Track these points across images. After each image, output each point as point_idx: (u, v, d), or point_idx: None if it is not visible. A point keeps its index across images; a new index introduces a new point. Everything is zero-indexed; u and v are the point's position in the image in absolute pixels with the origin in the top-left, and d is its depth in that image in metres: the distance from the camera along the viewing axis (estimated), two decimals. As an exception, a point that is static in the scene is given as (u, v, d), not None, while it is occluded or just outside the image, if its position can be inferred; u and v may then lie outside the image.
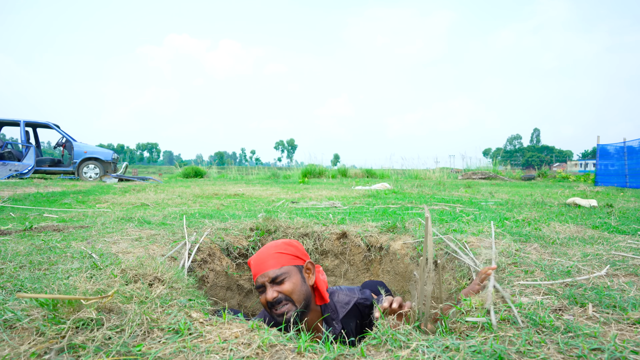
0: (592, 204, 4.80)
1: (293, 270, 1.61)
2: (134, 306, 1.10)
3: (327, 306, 1.74)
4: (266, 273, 1.58)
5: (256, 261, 1.63)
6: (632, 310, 1.12)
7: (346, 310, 1.72)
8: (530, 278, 1.54)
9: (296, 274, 1.62)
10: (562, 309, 1.19)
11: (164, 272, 1.44)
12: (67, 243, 2.15)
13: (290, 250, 1.66)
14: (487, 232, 2.58)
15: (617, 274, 1.52)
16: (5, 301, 1.21)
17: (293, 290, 1.56)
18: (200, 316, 1.15)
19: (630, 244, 2.17)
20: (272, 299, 1.53)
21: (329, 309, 1.73)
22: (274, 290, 1.55)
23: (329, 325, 1.69)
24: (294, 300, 1.56)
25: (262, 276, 1.58)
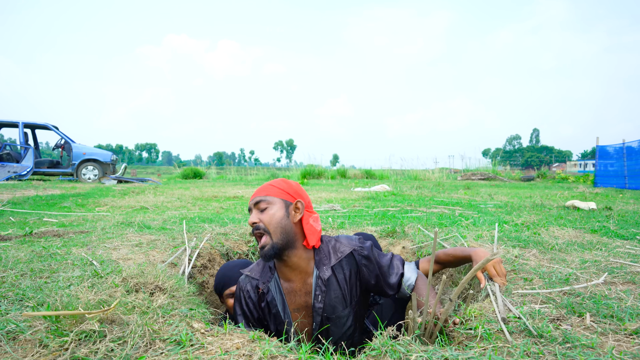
0: (591, 206, 4.81)
1: (278, 203, 1.59)
2: (135, 317, 1.11)
3: (320, 250, 1.69)
4: (254, 198, 1.60)
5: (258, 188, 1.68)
6: (629, 320, 1.13)
7: (339, 257, 1.66)
8: (529, 286, 1.55)
9: (281, 207, 1.59)
10: (560, 318, 1.20)
11: (164, 280, 1.45)
12: (68, 249, 2.15)
13: (283, 187, 1.65)
14: (487, 237, 2.59)
15: (615, 282, 1.53)
16: (8, 311, 1.22)
17: (270, 222, 1.54)
18: (201, 326, 1.16)
19: (628, 250, 2.18)
20: (252, 224, 1.55)
21: (321, 253, 1.68)
22: (255, 215, 1.56)
23: (319, 269, 1.63)
24: (271, 232, 1.54)
25: (250, 201, 1.61)
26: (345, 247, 1.69)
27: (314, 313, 1.63)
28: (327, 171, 19.88)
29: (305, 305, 1.66)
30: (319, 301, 1.62)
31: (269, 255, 1.54)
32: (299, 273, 1.64)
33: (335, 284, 1.64)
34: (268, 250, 1.53)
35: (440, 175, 19.82)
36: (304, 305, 1.66)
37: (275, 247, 1.54)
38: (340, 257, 1.66)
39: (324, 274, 1.62)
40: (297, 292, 1.66)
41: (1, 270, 1.68)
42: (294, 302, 1.66)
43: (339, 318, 1.65)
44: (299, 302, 1.66)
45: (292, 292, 1.66)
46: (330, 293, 1.63)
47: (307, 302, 1.65)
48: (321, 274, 1.62)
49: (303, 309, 1.66)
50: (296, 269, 1.64)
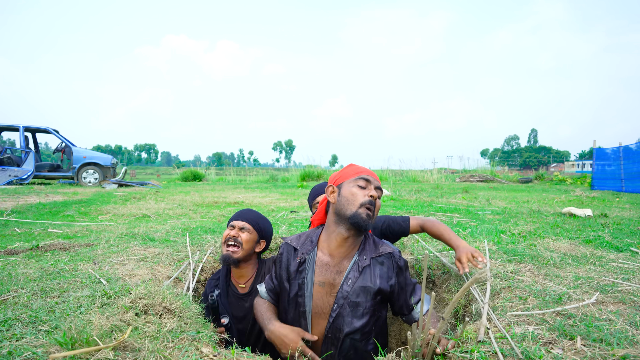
0: (587, 213, 4.88)
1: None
2: (147, 343, 1.16)
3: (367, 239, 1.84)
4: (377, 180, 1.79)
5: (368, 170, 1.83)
6: (617, 345, 1.19)
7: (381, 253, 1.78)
8: (523, 305, 1.60)
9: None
10: (552, 342, 1.26)
11: (172, 302, 1.50)
12: (75, 265, 2.21)
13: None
14: (483, 249, 2.65)
15: (606, 302, 1.59)
16: (23, 335, 1.27)
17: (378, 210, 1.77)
18: (210, 351, 1.21)
19: (621, 264, 2.24)
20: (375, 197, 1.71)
21: (366, 243, 1.82)
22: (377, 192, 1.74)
23: (360, 255, 1.76)
24: (373, 216, 1.72)
25: (375, 181, 1.77)
26: (388, 247, 1.82)
27: (338, 294, 1.70)
28: (326, 173, 19.91)
29: (331, 282, 1.74)
30: (348, 284, 1.71)
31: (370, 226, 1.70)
32: (347, 251, 1.76)
33: (369, 275, 1.73)
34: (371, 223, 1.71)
35: (439, 177, 19.89)
36: (330, 282, 1.74)
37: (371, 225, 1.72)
38: (382, 253, 1.78)
39: (363, 261, 1.74)
40: (330, 267, 1.75)
41: (12, 290, 1.73)
42: (321, 275, 1.74)
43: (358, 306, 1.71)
44: (327, 277, 1.74)
45: (326, 265, 1.75)
46: (361, 280, 1.71)
47: (334, 280, 1.73)
48: (360, 261, 1.74)
49: (328, 286, 1.74)
50: (348, 246, 1.76)
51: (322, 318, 1.73)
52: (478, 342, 1.34)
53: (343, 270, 1.74)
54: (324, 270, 1.74)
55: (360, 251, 1.77)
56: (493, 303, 1.68)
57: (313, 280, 1.74)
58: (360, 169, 1.81)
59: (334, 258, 1.75)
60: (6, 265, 2.19)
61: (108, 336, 1.18)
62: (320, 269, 1.75)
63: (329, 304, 1.73)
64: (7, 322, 1.37)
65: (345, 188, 1.75)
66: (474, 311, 1.70)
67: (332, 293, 1.73)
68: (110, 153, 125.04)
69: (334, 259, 1.75)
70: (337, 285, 1.73)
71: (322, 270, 1.75)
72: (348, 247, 1.75)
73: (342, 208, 1.72)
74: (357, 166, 1.84)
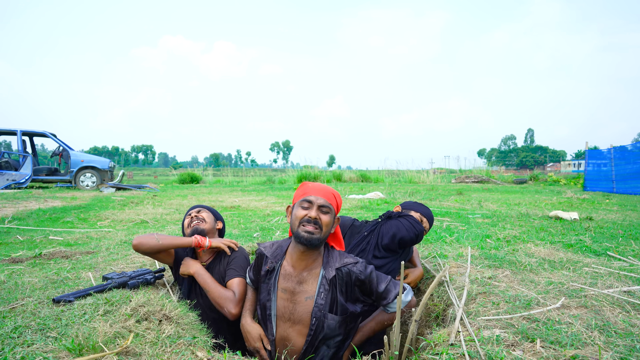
0: (573, 217, 5.03)
1: (332, 212, 1.93)
2: (147, 348, 1.29)
3: (329, 253, 1.98)
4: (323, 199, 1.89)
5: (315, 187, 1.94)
6: (569, 346, 1.33)
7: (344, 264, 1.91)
8: (495, 310, 1.74)
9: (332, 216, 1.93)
10: (514, 344, 1.39)
11: (171, 309, 1.63)
12: (77, 273, 2.33)
13: (337, 201, 2.00)
14: (466, 255, 2.79)
15: (570, 306, 1.72)
16: (33, 342, 1.40)
17: (327, 224, 1.88)
18: (204, 355, 1.34)
19: (594, 269, 2.38)
20: (313, 218, 1.83)
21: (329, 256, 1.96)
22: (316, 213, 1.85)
23: (325, 269, 1.90)
24: (323, 231, 1.86)
25: (317, 198, 1.88)
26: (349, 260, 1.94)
27: (314, 308, 1.85)
28: (322, 174, 20.04)
29: (291, 290, 1.90)
30: (321, 297, 1.86)
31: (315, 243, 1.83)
32: (306, 264, 1.91)
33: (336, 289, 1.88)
34: (316, 239, 1.83)
35: (435, 178, 20.09)
36: (291, 290, 1.90)
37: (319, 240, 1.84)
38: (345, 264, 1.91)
39: (329, 273, 1.88)
40: (292, 277, 1.91)
41: (20, 298, 1.85)
42: (284, 283, 1.92)
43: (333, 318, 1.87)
44: (288, 285, 1.90)
45: (289, 274, 1.92)
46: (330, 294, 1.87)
47: (294, 289, 1.90)
48: (326, 274, 1.89)
49: (289, 293, 1.90)
50: (306, 260, 1.91)
51: (284, 321, 1.90)
52: (450, 344, 1.47)
53: (303, 281, 1.90)
54: (287, 279, 1.91)
55: (325, 264, 1.92)
56: (468, 308, 1.81)
57: (277, 287, 1.92)
58: (306, 190, 1.94)
59: (295, 269, 1.92)
60: (12, 273, 2.31)
61: (112, 342, 1.31)
62: (284, 277, 1.92)
63: (289, 310, 1.90)
64: (18, 329, 1.49)
65: (294, 209, 1.93)
66: (450, 315, 1.84)
67: (291, 300, 1.90)
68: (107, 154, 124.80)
69: (296, 270, 1.92)
70: (295, 294, 1.89)
71: (286, 278, 1.92)
72: (307, 260, 1.90)
73: (291, 227, 1.91)
74: (306, 186, 1.97)
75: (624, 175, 12.18)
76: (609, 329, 1.47)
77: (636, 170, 11.85)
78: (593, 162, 13.96)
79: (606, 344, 1.35)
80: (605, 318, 1.58)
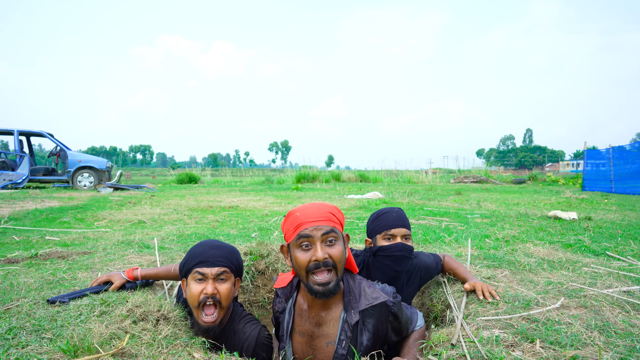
0: (572, 217, 5.02)
1: (340, 235, 1.48)
2: (143, 350, 1.27)
3: (350, 289, 1.55)
4: (320, 226, 1.43)
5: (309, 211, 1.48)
6: (569, 347, 1.32)
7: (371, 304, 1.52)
8: (494, 310, 1.73)
9: (342, 241, 1.49)
10: (514, 345, 1.38)
11: (170, 310, 1.61)
12: (73, 274, 2.31)
13: (339, 216, 1.55)
14: (466, 255, 2.77)
15: (570, 306, 1.71)
16: (28, 343, 1.38)
17: (340, 257, 1.44)
18: (201, 356, 1.32)
19: (593, 269, 2.37)
20: (323, 259, 1.40)
21: (351, 294, 1.54)
22: (324, 250, 1.41)
23: (347, 311, 1.51)
24: (338, 269, 1.44)
25: (314, 229, 1.42)
26: (379, 293, 1.57)
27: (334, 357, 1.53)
28: (321, 174, 20.02)
29: (309, 334, 1.59)
30: (342, 347, 1.52)
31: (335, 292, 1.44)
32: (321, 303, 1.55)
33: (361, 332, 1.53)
34: (333, 286, 1.43)
35: (434, 178, 20.10)
36: (309, 334, 1.59)
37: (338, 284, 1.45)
38: (372, 304, 1.53)
39: (351, 318, 1.51)
40: (308, 317, 1.59)
41: (15, 299, 1.83)
42: (301, 324, 1.61)
43: None
44: (305, 327, 1.60)
45: (305, 313, 1.60)
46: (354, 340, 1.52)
47: (312, 332, 1.59)
48: (348, 318, 1.52)
49: (307, 336, 1.60)
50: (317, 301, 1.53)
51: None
52: (451, 344, 1.46)
53: (322, 322, 1.57)
54: (303, 319, 1.61)
55: (346, 305, 1.54)
56: (467, 309, 1.80)
57: (293, 328, 1.62)
58: (297, 221, 1.48)
59: (312, 309, 1.59)
60: (7, 274, 2.29)
61: (107, 343, 1.29)
62: (300, 317, 1.61)
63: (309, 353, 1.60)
64: (12, 331, 1.47)
65: (293, 252, 1.50)
66: (449, 316, 1.82)
67: (310, 345, 1.59)
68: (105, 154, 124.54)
69: (312, 309, 1.59)
70: (315, 338, 1.58)
71: (302, 319, 1.61)
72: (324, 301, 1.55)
73: (299, 274, 1.50)
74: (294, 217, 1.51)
75: (623, 175, 12.20)
76: (609, 329, 1.46)
77: (635, 170, 11.87)
78: (592, 162, 13.98)
79: (606, 344, 1.34)
80: (605, 318, 1.57)
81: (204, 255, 1.65)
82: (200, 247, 1.70)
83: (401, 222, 2.01)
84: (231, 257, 1.71)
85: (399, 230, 1.99)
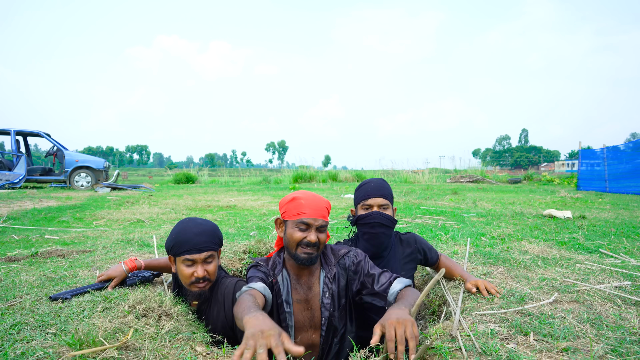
0: (567, 215, 5.08)
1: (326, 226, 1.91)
2: (147, 343, 1.30)
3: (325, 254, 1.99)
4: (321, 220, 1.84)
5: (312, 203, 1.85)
6: (562, 339, 1.36)
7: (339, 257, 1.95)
8: (490, 305, 1.76)
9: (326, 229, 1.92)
10: (508, 337, 1.42)
11: (170, 306, 1.64)
12: (74, 271, 2.33)
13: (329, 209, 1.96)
14: (462, 253, 2.82)
15: (563, 301, 1.75)
16: (33, 338, 1.40)
17: (324, 242, 1.88)
18: (203, 350, 1.35)
19: (586, 266, 2.41)
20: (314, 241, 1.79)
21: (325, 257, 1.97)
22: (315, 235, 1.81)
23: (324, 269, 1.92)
24: (320, 247, 1.85)
25: (315, 220, 1.82)
26: (344, 250, 1.98)
27: (322, 308, 1.87)
28: (318, 174, 20.07)
29: (305, 299, 1.89)
30: (326, 297, 1.88)
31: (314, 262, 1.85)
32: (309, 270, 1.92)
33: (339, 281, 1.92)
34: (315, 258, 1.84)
35: (430, 178, 20.16)
36: (304, 299, 1.89)
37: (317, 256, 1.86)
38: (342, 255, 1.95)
39: (330, 271, 1.91)
40: (301, 285, 1.90)
41: (18, 296, 1.85)
42: (297, 294, 1.89)
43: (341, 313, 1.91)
44: (301, 295, 1.89)
45: (297, 284, 1.90)
46: (335, 288, 1.89)
47: (307, 296, 1.90)
48: (327, 273, 1.91)
49: (304, 302, 1.89)
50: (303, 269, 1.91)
51: (303, 330, 1.88)
52: (450, 336, 1.49)
53: (312, 284, 1.91)
54: (297, 289, 1.90)
55: (323, 264, 1.94)
56: (464, 304, 1.84)
57: (292, 299, 1.88)
58: (300, 209, 1.83)
59: (300, 277, 1.91)
60: (8, 272, 2.31)
61: (112, 337, 1.32)
62: (295, 287, 1.90)
63: (308, 318, 1.89)
64: (17, 326, 1.49)
65: (288, 227, 1.86)
66: (445, 311, 1.86)
67: (308, 308, 1.89)
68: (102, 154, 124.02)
69: (301, 278, 1.91)
70: (310, 300, 1.90)
71: (297, 289, 1.90)
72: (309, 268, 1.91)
73: (288, 245, 1.87)
74: (299, 204, 1.84)
75: (617, 175, 12.31)
76: (600, 323, 1.50)
77: (628, 169, 11.98)
78: (586, 162, 14.08)
79: (597, 337, 1.38)
80: (597, 312, 1.61)
81: (190, 244, 1.79)
82: (185, 233, 1.82)
83: (379, 192, 2.11)
84: (214, 238, 1.88)
85: (375, 200, 2.10)
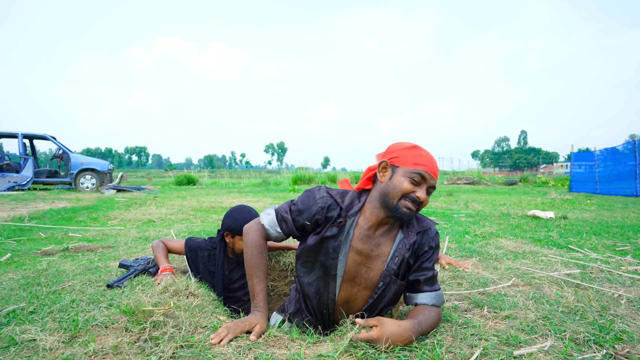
0: (549, 216, 5.46)
1: None
2: (182, 313, 1.66)
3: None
4: (434, 179, 1.65)
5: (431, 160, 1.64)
6: (507, 310, 1.73)
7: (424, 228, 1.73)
8: (458, 288, 2.14)
9: None
10: (467, 310, 1.79)
11: (195, 288, 2.01)
12: (106, 263, 2.69)
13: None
14: (445, 249, 3.19)
15: (518, 284, 2.13)
16: (89, 310, 1.77)
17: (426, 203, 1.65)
18: (224, 319, 1.72)
19: (550, 258, 2.79)
20: (422, 199, 1.60)
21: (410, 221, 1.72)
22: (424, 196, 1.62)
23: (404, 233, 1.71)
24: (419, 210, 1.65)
25: (432, 179, 1.63)
26: (429, 222, 1.75)
27: (384, 272, 1.67)
28: (317, 176, 20.45)
29: (367, 254, 1.69)
30: (395, 262, 1.67)
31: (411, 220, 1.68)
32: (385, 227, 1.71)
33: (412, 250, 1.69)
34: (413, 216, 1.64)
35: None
36: (367, 253, 1.69)
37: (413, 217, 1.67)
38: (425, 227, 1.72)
39: (409, 238, 1.68)
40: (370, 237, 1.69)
41: (67, 280, 2.22)
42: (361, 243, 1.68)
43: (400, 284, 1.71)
44: (365, 247, 1.68)
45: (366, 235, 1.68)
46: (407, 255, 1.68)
47: (371, 251, 1.69)
48: (406, 238, 1.69)
49: (364, 256, 1.69)
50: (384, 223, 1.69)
51: (351, 284, 1.71)
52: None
53: (382, 243, 1.70)
54: (364, 239, 1.68)
55: (404, 226, 1.72)
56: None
57: (350, 246, 1.68)
58: (420, 160, 1.62)
59: (373, 229, 1.69)
60: (49, 263, 2.67)
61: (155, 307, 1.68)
62: (360, 237, 1.68)
63: (361, 274, 1.70)
64: (74, 302, 1.85)
65: (398, 175, 1.62)
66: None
67: (366, 264, 1.69)
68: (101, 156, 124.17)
69: (375, 230, 1.69)
70: (372, 258, 1.69)
71: (363, 239, 1.68)
72: (390, 224, 1.70)
73: (388, 194, 1.62)
74: (419, 154, 1.64)
75: (608, 177, 12.71)
76: (542, 300, 1.87)
77: (619, 172, 12.38)
78: (578, 164, 14.49)
79: (536, 309, 1.75)
80: (543, 292, 1.98)
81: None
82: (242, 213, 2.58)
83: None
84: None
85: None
